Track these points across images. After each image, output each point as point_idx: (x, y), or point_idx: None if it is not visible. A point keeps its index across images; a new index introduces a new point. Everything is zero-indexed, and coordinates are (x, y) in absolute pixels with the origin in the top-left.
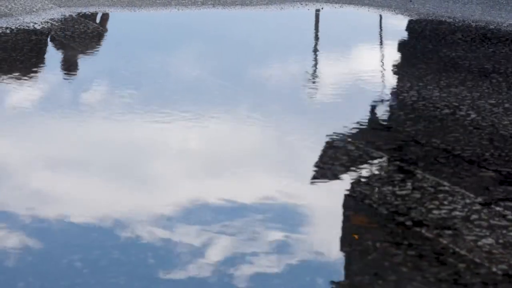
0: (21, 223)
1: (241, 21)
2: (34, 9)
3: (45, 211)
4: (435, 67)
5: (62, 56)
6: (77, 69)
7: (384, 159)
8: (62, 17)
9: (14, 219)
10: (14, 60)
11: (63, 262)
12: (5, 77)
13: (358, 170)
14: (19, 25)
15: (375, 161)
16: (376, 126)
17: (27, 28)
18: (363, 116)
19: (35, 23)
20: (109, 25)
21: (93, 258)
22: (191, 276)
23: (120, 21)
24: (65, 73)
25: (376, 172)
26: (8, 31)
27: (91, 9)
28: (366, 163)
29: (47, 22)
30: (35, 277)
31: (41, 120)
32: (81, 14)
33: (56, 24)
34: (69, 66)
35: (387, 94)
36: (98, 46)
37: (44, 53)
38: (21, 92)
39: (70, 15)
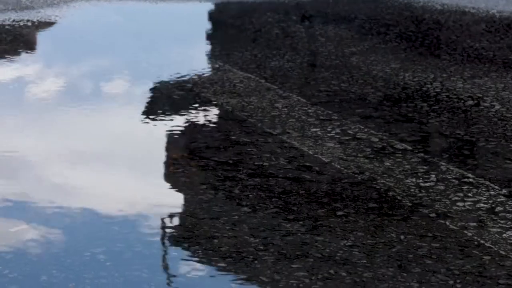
0: (44, 216)
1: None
2: (55, 2)
3: (68, 203)
4: (458, 58)
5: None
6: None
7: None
8: (83, 9)
9: (37, 212)
10: (35, 53)
11: (86, 255)
12: (27, 70)
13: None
14: (40, 18)
15: (399, 153)
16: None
17: (48, 21)
18: None
19: (57, 16)
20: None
21: (116, 250)
22: (213, 270)
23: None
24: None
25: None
26: (29, 23)
27: (113, 1)
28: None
29: (69, 15)
30: (58, 270)
31: (62, 113)
32: (103, 6)
33: (78, 17)
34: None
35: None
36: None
37: (64, 45)
38: (42, 85)
39: (92, 8)
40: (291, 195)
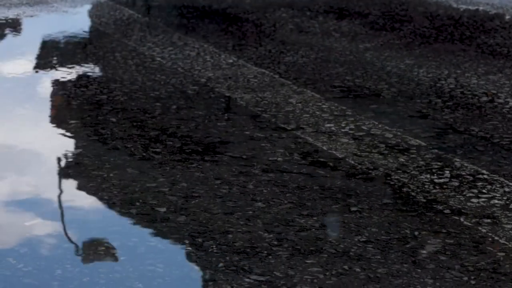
0: (58, 210)
1: None
2: None
3: (81, 197)
4: (473, 54)
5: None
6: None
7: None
8: (97, 3)
9: (50, 206)
10: (50, 48)
11: (100, 249)
12: (42, 65)
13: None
14: (54, 12)
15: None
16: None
17: (62, 15)
18: None
19: (70, 10)
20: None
21: (130, 245)
22: (227, 265)
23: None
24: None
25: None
26: (42, 18)
27: None
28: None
29: (82, 9)
30: (72, 264)
31: (80, 108)
32: (116, 0)
33: (91, 11)
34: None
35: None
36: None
37: (79, 40)
38: (57, 79)
39: (106, 1)
40: (305, 191)
